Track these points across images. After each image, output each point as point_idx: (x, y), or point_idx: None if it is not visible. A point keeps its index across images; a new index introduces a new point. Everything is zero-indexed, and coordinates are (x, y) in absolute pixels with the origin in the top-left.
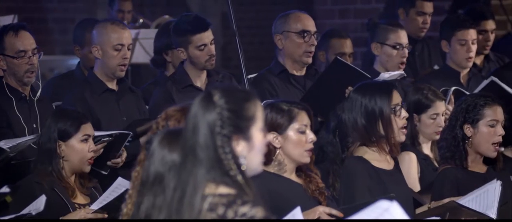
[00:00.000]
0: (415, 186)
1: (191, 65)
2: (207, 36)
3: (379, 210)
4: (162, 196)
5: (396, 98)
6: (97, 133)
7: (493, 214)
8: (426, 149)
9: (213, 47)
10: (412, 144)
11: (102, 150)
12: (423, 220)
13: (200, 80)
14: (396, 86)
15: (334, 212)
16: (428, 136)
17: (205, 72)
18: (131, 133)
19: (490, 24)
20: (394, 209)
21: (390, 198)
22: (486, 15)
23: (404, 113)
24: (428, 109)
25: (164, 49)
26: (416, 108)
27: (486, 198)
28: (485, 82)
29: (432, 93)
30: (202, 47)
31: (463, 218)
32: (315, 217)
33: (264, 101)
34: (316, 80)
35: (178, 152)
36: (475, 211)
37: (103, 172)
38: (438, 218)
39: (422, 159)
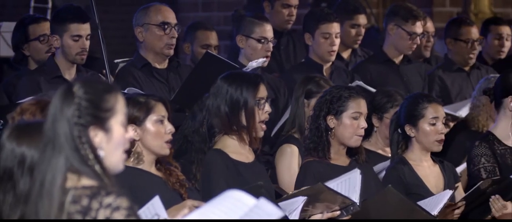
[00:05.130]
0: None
1: (62, 56)
2: (84, 29)
3: (246, 208)
4: (12, 192)
5: (262, 91)
6: None
7: (356, 199)
8: None
9: (87, 42)
10: (300, 132)
11: None
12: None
13: (69, 74)
14: (264, 80)
15: (203, 205)
16: None
17: (75, 66)
18: (1, 121)
19: (363, 19)
20: (262, 203)
21: (259, 187)
22: (359, 9)
23: (267, 108)
24: (318, 95)
25: (20, 44)
26: (307, 94)
27: (348, 185)
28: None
29: (324, 80)
30: (77, 38)
31: (328, 204)
32: (186, 211)
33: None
34: (188, 75)
35: (27, 145)
36: (340, 194)
37: None
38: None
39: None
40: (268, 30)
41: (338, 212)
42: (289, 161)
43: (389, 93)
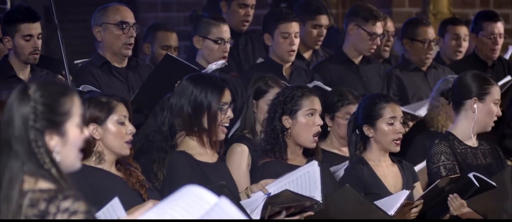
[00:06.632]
0: (246, 178)
1: (15, 57)
2: (35, 28)
3: (207, 206)
4: None
5: (227, 97)
6: None
7: (318, 196)
8: None
9: (39, 41)
10: (251, 132)
11: None
12: None
13: (23, 74)
14: (229, 85)
15: (162, 200)
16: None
17: (29, 66)
18: None
19: (325, 19)
20: (223, 203)
21: (221, 186)
22: (321, 10)
23: (229, 113)
24: (265, 95)
25: None
26: (256, 94)
27: (307, 179)
28: (310, 85)
29: (273, 80)
30: (28, 38)
31: (294, 204)
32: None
33: (86, 96)
34: (148, 77)
35: None
36: (306, 196)
37: None
38: None
39: (254, 151)
40: (225, 31)
41: (298, 216)
42: (239, 160)
43: (340, 93)
